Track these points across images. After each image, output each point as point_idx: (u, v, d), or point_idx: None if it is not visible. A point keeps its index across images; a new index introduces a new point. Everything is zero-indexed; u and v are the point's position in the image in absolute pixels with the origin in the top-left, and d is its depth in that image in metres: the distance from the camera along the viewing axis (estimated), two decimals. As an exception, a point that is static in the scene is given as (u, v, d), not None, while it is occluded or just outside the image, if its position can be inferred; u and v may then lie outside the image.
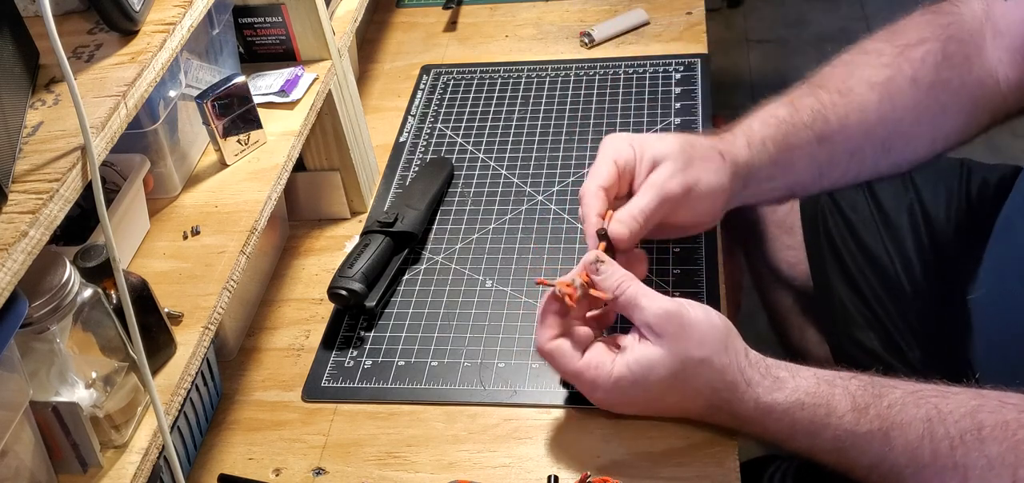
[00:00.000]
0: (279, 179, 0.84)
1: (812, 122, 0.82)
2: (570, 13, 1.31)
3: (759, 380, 0.70)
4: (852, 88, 0.83)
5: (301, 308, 0.95)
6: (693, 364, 0.70)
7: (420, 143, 1.12)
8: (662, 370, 0.70)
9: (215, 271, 0.75)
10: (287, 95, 0.91)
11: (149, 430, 0.66)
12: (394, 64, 1.28)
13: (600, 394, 0.73)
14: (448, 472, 0.78)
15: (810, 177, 0.84)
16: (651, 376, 0.70)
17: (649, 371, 0.70)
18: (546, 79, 1.19)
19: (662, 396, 0.72)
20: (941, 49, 0.83)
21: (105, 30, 0.67)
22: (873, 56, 0.84)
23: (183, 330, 0.71)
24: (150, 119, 0.80)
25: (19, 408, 0.57)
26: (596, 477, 0.75)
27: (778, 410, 0.69)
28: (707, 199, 0.78)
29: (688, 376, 0.70)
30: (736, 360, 0.71)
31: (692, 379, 0.70)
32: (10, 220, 0.52)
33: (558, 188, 1.03)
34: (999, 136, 2.26)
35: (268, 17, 0.94)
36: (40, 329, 0.59)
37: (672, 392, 0.72)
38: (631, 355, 0.71)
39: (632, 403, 0.74)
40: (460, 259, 0.96)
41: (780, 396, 0.69)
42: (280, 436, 0.83)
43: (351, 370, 0.87)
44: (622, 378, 0.71)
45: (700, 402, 0.72)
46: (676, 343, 0.70)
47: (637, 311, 0.71)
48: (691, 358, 0.70)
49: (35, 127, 0.59)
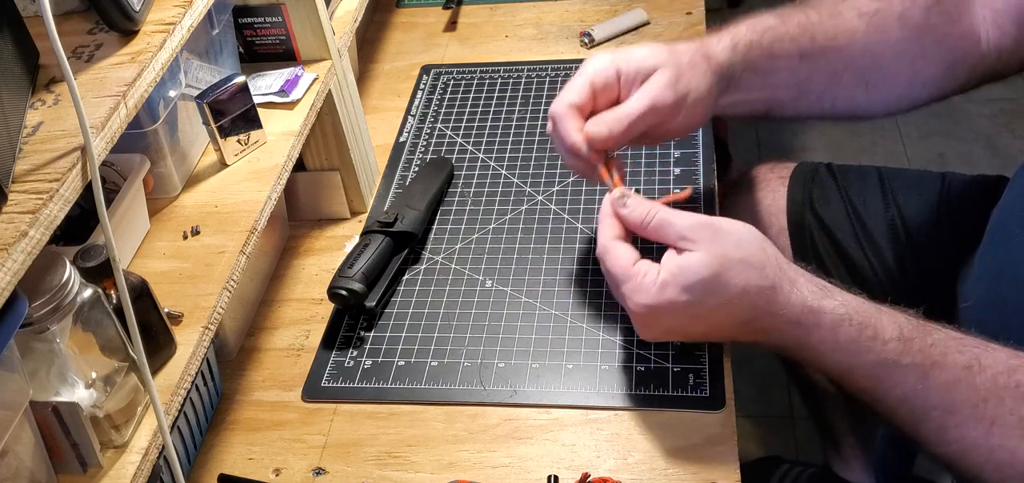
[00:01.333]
0: (279, 179, 0.84)
1: (798, 36, 0.82)
2: (570, 13, 1.31)
3: (804, 282, 0.69)
4: (841, 13, 0.83)
5: (301, 308, 0.95)
6: (732, 263, 0.68)
7: (420, 143, 1.12)
8: (703, 270, 0.68)
9: (215, 271, 0.75)
10: (287, 95, 0.91)
11: (149, 430, 0.66)
12: (394, 64, 1.28)
13: (643, 298, 0.71)
14: (448, 472, 0.78)
15: (789, 94, 0.84)
16: (692, 278, 0.69)
17: (689, 273, 0.69)
18: (546, 79, 1.19)
19: (704, 300, 0.69)
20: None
21: (105, 30, 0.67)
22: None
23: (183, 330, 0.71)
24: (150, 119, 0.80)
25: (19, 408, 0.57)
26: (596, 477, 0.75)
27: (826, 317, 0.68)
28: (695, 107, 0.78)
29: (727, 275, 0.69)
30: (776, 259, 0.70)
31: (732, 278, 0.69)
32: (10, 220, 0.52)
33: (558, 188, 1.03)
34: (998, 136, 2.28)
35: (268, 17, 0.94)
36: (40, 329, 0.59)
37: (713, 295, 0.69)
38: (672, 262, 0.70)
39: (671, 310, 0.71)
40: (460, 259, 0.96)
41: (829, 303, 0.68)
42: (280, 436, 0.83)
43: (351, 370, 0.87)
44: (665, 283, 0.69)
45: (742, 305, 0.70)
46: (713, 245, 0.69)
47: (670, 227, 0.71)
48: (729, 257, 0.69)
49: (35, 127, 0.59)
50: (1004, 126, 2.14)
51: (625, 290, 0.72)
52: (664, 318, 0.72)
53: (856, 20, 0.83)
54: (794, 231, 1.05)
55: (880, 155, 2.02)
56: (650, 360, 0.84)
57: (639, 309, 0.72)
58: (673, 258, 0.70)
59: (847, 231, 1.02)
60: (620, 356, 0.85)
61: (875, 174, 1.05)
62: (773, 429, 1.62)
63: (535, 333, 0.88)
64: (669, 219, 0.71)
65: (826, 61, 0.83)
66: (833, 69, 0.83)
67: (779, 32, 0.82)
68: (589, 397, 0.82)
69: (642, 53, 0.78)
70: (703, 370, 0.82)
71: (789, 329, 0.70)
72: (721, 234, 0.70)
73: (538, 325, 0.88)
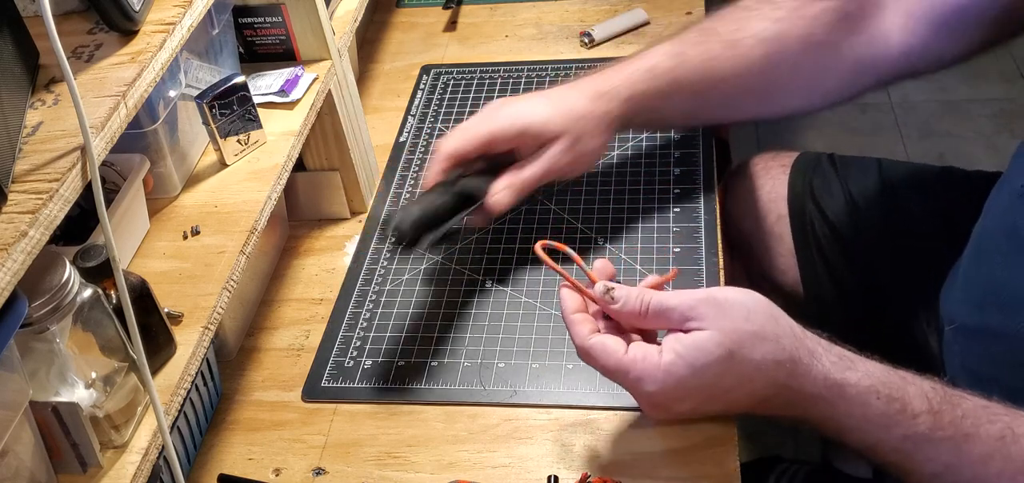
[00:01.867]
0: (279, 179, 0.84)
1: (695, 80, 0.85)
2: (570, 13, 1.31)
3: (823, 353, 0.65)
4: (740, 41, 0.85)
5: (301, 308, 0.95)
6: (746, 338, 0.64)
7: (420, 143, 1.12)
8: (715, 348, 0.64)
9: (215, 271, 0.75)
10: (287, 95, 0.91)
11: (149, 430, 0.66)
12: (394, 64, 1.28)
13: (650, 387, 0.66)
14: (448, 472, 0.78)
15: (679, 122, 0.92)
16: (703, 358, 0.64)
17: (701, 353, 0.64)
18: (546, 79, 1.19)
19: (718, 381, 0.65)
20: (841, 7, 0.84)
21: (105, 30, 0.67)
22: (768, 8, 0.86)
23: (183, 330, 0.71)
24: (150, 119, 0.80)
25: (19, 408, 0.57)
26: (596, 477, 0.75)
27: (850, 390, 0.64)
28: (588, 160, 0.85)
29: (743, 353, 0.64)
30: (791, 329, 0.66)
31: (748, 355, 0.64)
32: (10, 220, 0.52)
33: (558, 188, 1.03)
34: (998, 136, 2.28)
35: (268, 17, 0.94)
36: (40, 329, 0.59)
37: (729, 375, 0.65)
38: (678, 343, 0.65)
39: (686, 395, 0.66)
40: (460, 259, 0.96)
41: (852, 376, 0.65)
42: (280, 436, 0.83)
43: (351, 370, 0.87)
44: (673, 365, 0.64)
45: (761, 381, 0.65)
46: (722, 321, 0.64)
47: (672, 312, 0.66)
48: (742, 332, 0.64)
49: (35, 127, 0.59)
50: (1004, 126, 2.14)
51: (626, 384, 0.68)
52: (675, 403, 0.67)
53: (754, 48, 0.84)
54: (795, 219, 1.05)
55: (880, 153, 2.02)
56: (650, 360, 0.83)
57: (648, 400, 0.67)
58: (679, 338, 0.65)
59: (847, 222, 1.02)
60: (620, 356, 0.84)
61: (875, 166, 1.05)
62: (773, 429, 1.62)
63: (535, 333, 0.88)
64: (667, 303, 0.66)
65: (720, 94, 0.86)
66: (726, 98, 0.87)
67: (677, 75, 0.85)
68: (589, 397, 0.82)
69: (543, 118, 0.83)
70: (703, 370, 0.82)
71: (811, 404, 0.66)
72: (727, 307, 0.65)
73: (538, 325, 0.88)
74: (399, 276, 0.96)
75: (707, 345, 0.64)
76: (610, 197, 1.00)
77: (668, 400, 0.67)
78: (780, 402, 0.67)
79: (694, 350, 0.64)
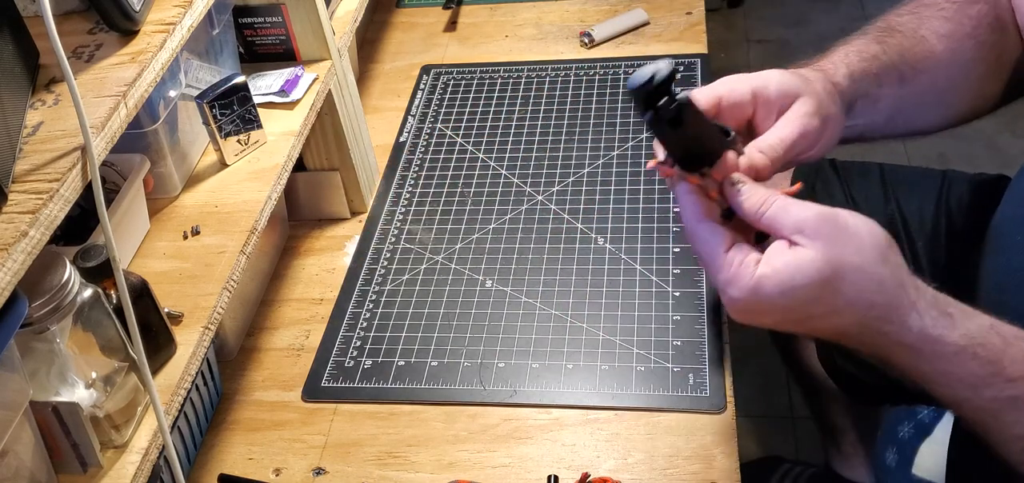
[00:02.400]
0: (279, 179, 0.84)
1: (899, 63, 0.80)
2: (570, 13, 1.31)
3: (926, 307, 0.63)
4: (924, 37, 0.82)
5: (301, 308, 0.95)
6: (848, 271, 0.61)
7: (420, 143, 1.12)
8: (812, 273, 0.61)
9: (215, 271, 0.75)
10: (287, 95, 0.91)
11: (149, 430, 0.66)
12: (394, 64, 1.28)
13: (736, 293, 0.63)
14: (448, 472, 0.78)
15: (883, 118, 0.81)
16: (798, 279, 0.61)
17: (797, 273, 0.61)
18: (546, 79, 1.19)
19: (806, 306, 0.63)
20: (992, 11, 0.83)
21: (105, 30, 0.67)
22: (935, 9, 0.84)
23: (183, 330, 0.71)
24: (150, 119, 0.80)
25: (19, 408, 0.57)
26: (596, 477, 0.75)
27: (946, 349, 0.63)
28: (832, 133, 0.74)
29: (839, 285, 0.62)
30: (897, 274, 0.63)
31: (844, 289, 0.62)
32: (10, 220, 0.52)
33: (558, 188, 1.03)
34: (999, 136, 2.27)
35: (268, 17, 0.94)
36: (40, 329, 0.59)
37: (818, 303, 0.62)
38: (778, 257, 0.62)
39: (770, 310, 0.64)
40: (460, 259, 0.96)
41: (950, 334, 0.63)
42: (280, 436, 0.83)
43: (351, 370, 0.87)
44: (765, 278, 0.62)
45: (850, 317, 0.63)
46: (831, 246, 0.61)
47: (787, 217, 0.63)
48: (846, 264, 0.61)
49: (35, 127, 0.59)
50: (1005, 126, 2.14)
51: (717, 280, 0.65)
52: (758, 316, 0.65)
53: (937, 43, 0.82)
54: None
55: (880, 153, 2.01)
56: (650, 360, 0.84)
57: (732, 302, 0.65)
58: (780, 252, 0.63)
59: None
60: (620, 356, 0.85)
61: (877, 171, 1.05)
62: (773, 429, 1.62)
63: (535, 333, 0.88)
64: (787, 208, 0.63)
65: (917, 85, 0.81)
66: (921, 92, 0.82)
67: (883, 61, 0.80)
68: (589, 397, 0.82)
69: (778, 79, 0.73)
70: (703, 370, 0.82)
71: (901, 352, 0.64)
72: (842, 233, 0.63)
73: (538, 325, 0.89)
74: (399, 276, 0.96)
75: (806, 267, 0.62)
76: (610, 197, 1.00)
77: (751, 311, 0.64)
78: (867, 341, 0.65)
79: (790, 269, 0.62)
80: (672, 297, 0.89)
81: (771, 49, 2.53)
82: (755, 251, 0.64)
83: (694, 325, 0.86)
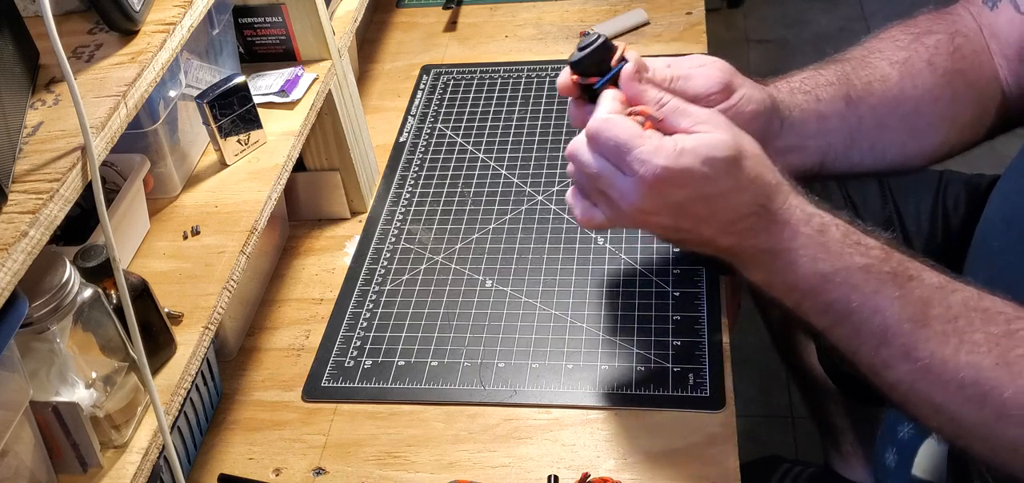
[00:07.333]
0: (279, 179, 0.84)
1: (837, 82, 0.82)
2: (570, 13, 1.31)
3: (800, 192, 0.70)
4: (873, 63, 0.84)
5: (301, 308, 0.95)
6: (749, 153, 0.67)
7: (420, 143, 1.12)
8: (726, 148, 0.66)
9: (215, 271, 0.75)
10: (287, 95, 0.91)
11: (149, 430, 0.66)
12: (394, 64, 1.28)
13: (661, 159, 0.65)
14: (448, 472, 0.78)
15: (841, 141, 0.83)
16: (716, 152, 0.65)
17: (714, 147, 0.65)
18: (546, 79, 1.19)
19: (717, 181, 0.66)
20: (950, 41, 0.84)
21: (105, 30, 0.67)
22: (888, 41, 0.85)
23: (183, 330, 0.71)
24: (150, 119, 0.80)
25: (19, 408, 0.57)
26: (596, 477, 0.75)
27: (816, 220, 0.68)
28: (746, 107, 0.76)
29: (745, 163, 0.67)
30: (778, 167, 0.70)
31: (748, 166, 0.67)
32: (10, 220, 0.52)
33: (558, 188, 1.03)
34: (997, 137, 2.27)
35: (268, 17, 0.94)
36: (40, 329, 0.59)
37: (728, 176, 0.66)
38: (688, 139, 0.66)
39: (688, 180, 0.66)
40: (460, 259, 0.96)
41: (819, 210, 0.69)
42: (280, 436, 0.83)
43: (351, 370, 0.87)
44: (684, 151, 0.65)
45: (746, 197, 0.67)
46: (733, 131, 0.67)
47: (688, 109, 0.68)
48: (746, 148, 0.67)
49: (35, 127, 0.59)
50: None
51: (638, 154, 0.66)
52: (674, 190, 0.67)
53: (889, 68, 0.83)
54: None
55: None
56: (650, 360, 0.84)
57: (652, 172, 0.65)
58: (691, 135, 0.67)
59: None
60: (620, 356, 0.85)
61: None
62: (773, 429, 1.62)
63: (535, 333, 0.88)
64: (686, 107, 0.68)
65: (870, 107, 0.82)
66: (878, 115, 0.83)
67: (819, 79, 0.82)
68: (589, 397, 0.82)
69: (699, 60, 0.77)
70: (703, 370, 0.82)
71: (777, 230, 0.68)
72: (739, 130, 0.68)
73: (538, 325, 0.89)
74: (399, 276, 0.96)
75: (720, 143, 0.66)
76: (610, 197, 1.00)
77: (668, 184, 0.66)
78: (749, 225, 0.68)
79: (707, 143, 0.66)
80: (672, 297, 0.89)
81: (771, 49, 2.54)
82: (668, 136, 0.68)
83: (694, 325, 0.86)
